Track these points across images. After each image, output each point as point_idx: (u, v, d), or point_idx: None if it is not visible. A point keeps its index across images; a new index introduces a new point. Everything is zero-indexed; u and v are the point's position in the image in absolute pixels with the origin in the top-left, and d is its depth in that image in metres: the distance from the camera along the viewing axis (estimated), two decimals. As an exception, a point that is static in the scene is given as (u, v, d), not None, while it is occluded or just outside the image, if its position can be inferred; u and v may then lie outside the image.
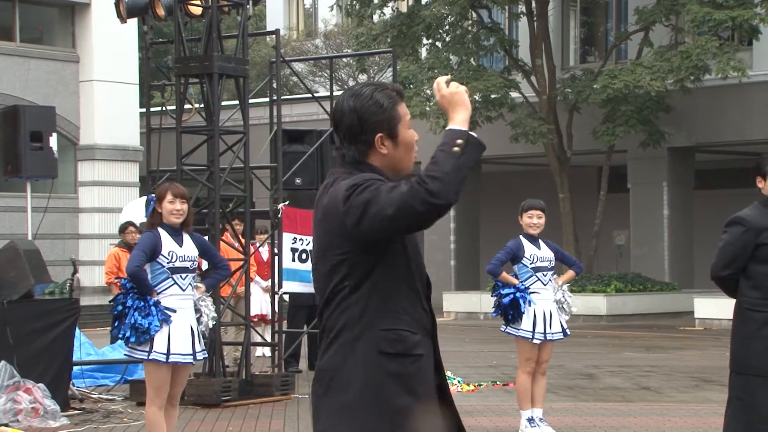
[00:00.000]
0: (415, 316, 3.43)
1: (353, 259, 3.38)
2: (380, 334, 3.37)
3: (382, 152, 3.45)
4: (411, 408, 3.37)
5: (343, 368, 3.40)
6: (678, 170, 23.92)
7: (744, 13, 19.76)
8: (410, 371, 3.39)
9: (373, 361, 3.36)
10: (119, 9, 11.19)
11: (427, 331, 3.48)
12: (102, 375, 11.62)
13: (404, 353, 3.38)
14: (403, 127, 3.49)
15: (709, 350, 15.48)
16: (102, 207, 26.21)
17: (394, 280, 3.40)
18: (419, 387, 3.40)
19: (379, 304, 3.38)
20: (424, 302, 3.49)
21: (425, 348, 3.45)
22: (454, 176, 3.25)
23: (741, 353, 5.67)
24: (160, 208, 7.01)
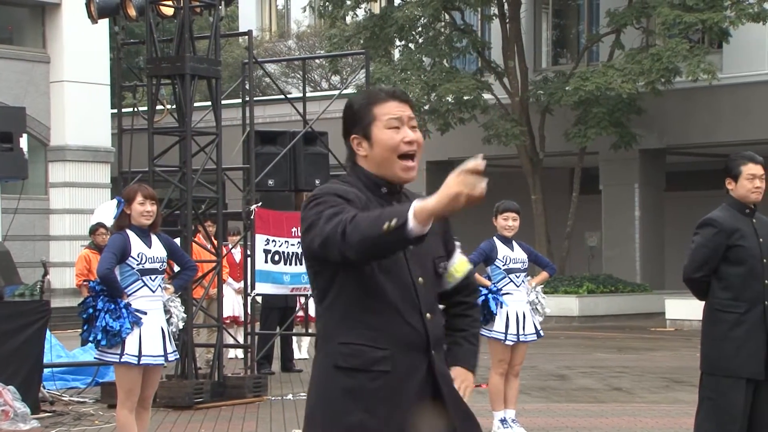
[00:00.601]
0: (389, 331, 3.27)
1: (314, 270, 3.35)
2: (337, 348, 3.29)
3: (361, 154, 3.40)
4: (365, 426, 3.25)
5: (311, 379, 3.41)
6: (649, 172, 24.05)
7: (714, 16, 19.91)
8: (368, 387, 3.26)
9: (328, 375, 3.30)
10: (90, 9, 11.13)
11: (411, 346, 3.30)
12: (73, 377, 11.54)
13: (360, 368, 3.27)
14: (377, 128, 3.35)
15: (680, 351, 15.58)
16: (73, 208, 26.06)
17: (357, 294, 3.28)
18: (380, 405, 3.25)
19: (339, 316, 3.30)
20: (411, 316, 3.30)
21: (401, 364, 3.28)
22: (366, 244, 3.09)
23: (712, 354, 5.71)
24: (129, 209, 6.98)
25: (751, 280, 5.64)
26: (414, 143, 3.37)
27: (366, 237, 3.08)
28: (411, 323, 3.31)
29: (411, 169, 3.40)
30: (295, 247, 11.39)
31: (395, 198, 3.41)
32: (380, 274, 3.28)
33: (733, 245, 5.64)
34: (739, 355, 5.59)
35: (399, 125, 3.36)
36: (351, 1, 23.08)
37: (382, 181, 3.38)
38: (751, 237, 5.68)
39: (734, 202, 5.77)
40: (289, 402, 10.61)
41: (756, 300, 5.64)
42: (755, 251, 5.66)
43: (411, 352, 3.30)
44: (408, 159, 3.38)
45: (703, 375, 5.76)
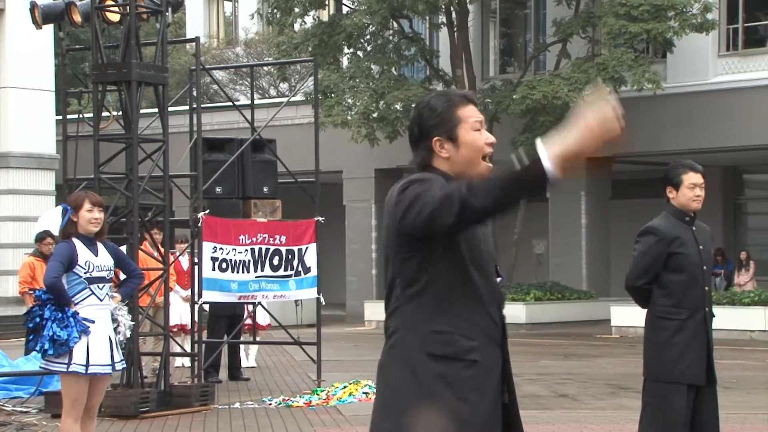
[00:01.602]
0: (475, 322, 3.36)
1: (403, 257, 3.36)
2: (430, 336, 3.33)
3: (443, 156, 3.44)
4: (458, 413, 3.31)
5: (391, 367, 3.39)
6: (595, 180, 24.29)
7: (658, 26, 20.17)
8: (462, 375, 3.33)
9: (421, 362, 3.33)
10: (34, 15, 11.01)
11: (494, 340, 3.42)
12: (16, 387, 11.39)
13: (453, 357, 3.33)
14: (464, 129, 3.44)
15: (625, 358, 15.73)
16: (17, 216, 25.71)
17: (449, 284, 3.34)
18: (471, 393, 3.33)
19: (430, 305, 3.34)
20: (492, 311, 3.41)
21: (487, 356, 3.38)
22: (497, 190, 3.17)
23: (654, 360, 5.78)
24: (76, 217, 6.91)
25: (692, 287, 5.72)
26: (492, 144, 3.51)
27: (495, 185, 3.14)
28: (494, 318, 3.43)
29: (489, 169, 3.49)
30: (242, 254, 11.34)
31: None
32: (472, 267, 3.36)
33: (674, 253, 5.72)
34: (681, 361, 5.67)
35: (480, 127, 3.48)
36: (299, 8, 23.06)
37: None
38: (691, 244, 5.76)
39: (675, 211, 5.85)
40: (236, 411, 10.55)
41: (697, 306, 5.73)
42: (695, 258, 5.75)
43: (492, 346, 3.42)
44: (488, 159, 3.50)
45: (645, 381, 5.83)
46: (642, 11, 20.26)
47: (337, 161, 25.10)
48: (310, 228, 12.09)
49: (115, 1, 10.58)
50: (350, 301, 26.32)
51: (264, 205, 12.14)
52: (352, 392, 11.34)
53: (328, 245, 16.73)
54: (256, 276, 11.48)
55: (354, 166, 25.97)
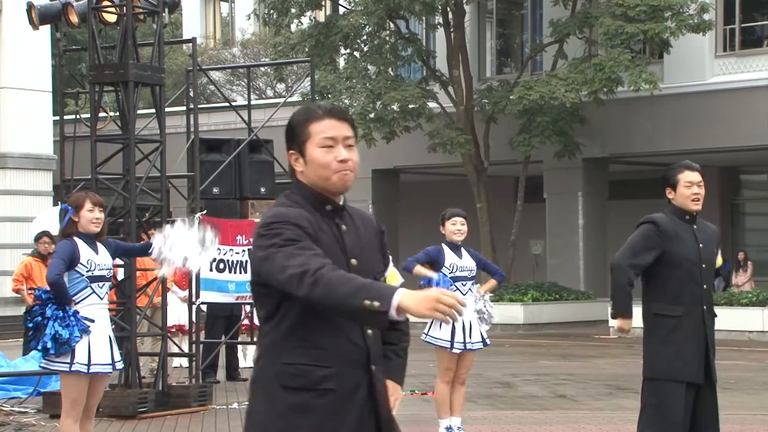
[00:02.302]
0: (332, 349, 3.33)
1: (261, 292, 3.38)
2: (283, 368, 3.33)
3: (297, 170, 3.43)
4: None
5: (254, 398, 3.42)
6: (592, 181, 24.30)
7: (655, 27, 20.19)
8: (315, 404, 3.31)
9: (276, 394, 3.33)
10: (31, 15, 11.00)
11: (355, 362, 3.36)
12: (14, 387, 11.38)
13: (307, 387, 3.32)
14: (311, 146, 3.37)
15: (623, 358, 15.74)
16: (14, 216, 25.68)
17: (302, 315, 3.31)
18: (326, 422, 3.32)
19: (284, 337, 3.34)
20: (353, 334, 3.35)
21: (344, 382, 3.34)
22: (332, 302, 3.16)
23: (652, 359, 5.77)
24: (77, 217, 6.91)
25: (689, 284, 5.71)
26: (347, 161, 3.37)
27: (340, 302, 3.14)
28: (353, 340, 3.35)
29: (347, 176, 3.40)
30: (239, 255, 11.34)
31: (338, 215, 3.43)
32: None
33: (670, 248, 5.72)
34: (678, 359, 5.67)
35: (333, 144, 3.36)
36: (296, 9, 23.07)
37: (326, 199, 3.40)
38: (690, 242, 5.76)
39: (675, 210, 5.85)
40: (234, 411, 10.55)
41: (694, 304, 5.72)
42: (693, 256, 5.74)
43: (354, 369, 3.35)
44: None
45: (644, 380, 5.83)
46: (639, 12, 20.28)
47: (334, 162, 25.07)
48: (308, 228, 12.07)
49: (111, 2, 10.57)
50: (347, 302, 26.29)
51: (261, 206, 12.13)
52: (350, 393, 11.33)
53: (325, 246, 16.64)
54: (253, 276, 11.47)
55: (351, 166, 25.94)
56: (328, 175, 3.37)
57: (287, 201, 3.42)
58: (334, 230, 3.39)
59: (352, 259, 3.38)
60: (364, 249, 3.44)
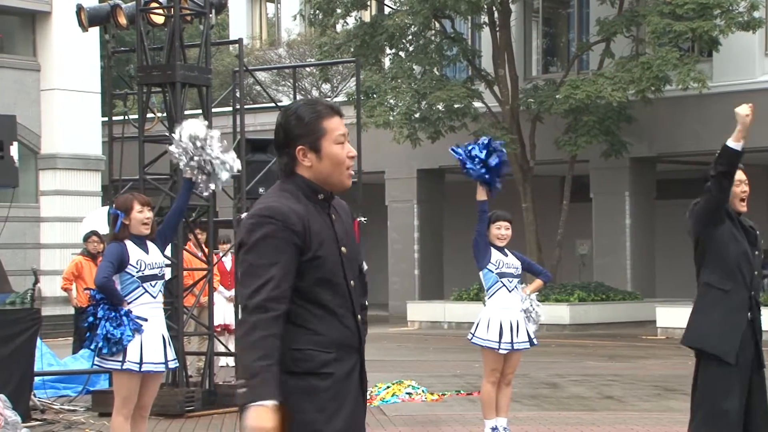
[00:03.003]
0: (330, 335, 3.51)
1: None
2: (290, 353, 3.48)
3: (305, 164, 3.55)
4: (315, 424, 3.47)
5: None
6: (639, 180, 24.11)
7: (704, 25, 19.98)
8: (320, 387, 3.49)
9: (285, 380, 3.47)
10: (81, 17, 11.12)
11: (350, 347, 3.56)
12: (64, 385, 11.51)
13: (312, 372, 3.49)
14: (327, 142, 3.53)
15: (672, 359, 15.60)
16: (63, 216, 26.00)
17: (302, 305, 3.49)
18: (329, 404, 3.49)
19: (289, 325, 3.48)
20: (347, 320, 3.55)
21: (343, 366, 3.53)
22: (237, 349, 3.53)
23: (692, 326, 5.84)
24: (128, 220, 6.98)
25: (741, 265, 5.75)
26: (354, 158, 3.60)
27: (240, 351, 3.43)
28: (347, 325, 3.56)
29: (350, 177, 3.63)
30: (286, 255, 11.38)
31: (328, 202, 3.60)
32: (317, 286, 3.50)
33: (724, 229, 5.76)
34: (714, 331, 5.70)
35: (344, 140, 3.56)
36: (341, 9, 23.11)
37: (320, 189, 3.57)
38: (738, 234, 5.81)
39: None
40: (280, 410, 10.58)
41: (742, 284, 5.76)
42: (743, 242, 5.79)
43: (348, 353, 3.56)
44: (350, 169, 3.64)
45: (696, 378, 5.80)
46: (687, 9, 20.08)
47: (379, 162, 25.13)
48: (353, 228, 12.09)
49: (159, 3, 10.66)
50: (393, 302, 26.32)
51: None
52: (396, 393, 11.34)
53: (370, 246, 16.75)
54: (299, 276, 11.50)
55: (396, 166, 25.97)
56: (341, 170, 3.56)
57: (280, 191, 3.57)
58: (326, 219, 3.56)
59: (343, 247, 3.58)
60: (349, 237, 3.64)
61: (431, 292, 25.95)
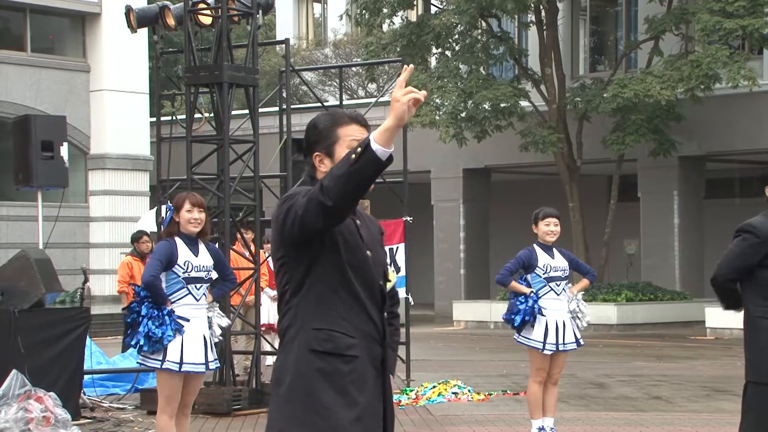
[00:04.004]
0: (355, 321, 3.64)
1: (289, 264, 3.67)
2: (312, 333, 3.61)
3: (322, 170, 3.70)
4: (336, 406, 3.56)
5: (283, 364, 3.67)
6: (688, 179, 23.87)
7: (754, 22, 19.74)
8: (342, 370, 3.59)
9: (303, 358, 3.60)
10: (130, 19, 11.23)
11: (373, 338, 3.69)
12: (113, 384, 11.62)
13: (333, 352, 3.60)
14: (341, 147, 3.67)
15: (721, 360, 15.43)
16: (112, 216, 26.26)
17: (329, 285, 3.63)
18: (350, 387, 3.59)
19: (313, 305, 3.63)
20: (372, 312, 3.69)
21: (366, 352, 3.65)
22: (342, 181, 3.40)
23: (754, 362, 5.64)
24: (177, 217, 7.01)
25: None
26: None
27: (340, 175, 3.39)
28: (373, 319, 3.70)
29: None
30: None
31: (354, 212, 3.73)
32: (351, 270, 3.65)
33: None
34: None
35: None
36: (388, 8, 23.11)
37: None
38: None
39: (774, 209, 5.72)
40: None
41: None
42: None
43: (372, 344, 3.69)
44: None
45: (747, 384, 5.70)
46: (737, 7, 19.85)
47: (425, 161, 25.10)
48: (399, 228, 12.11)
49: (207, 4, 10.73)
50: (439, 301, 26.30)
51: (353, 205, 12.19)
52: (442, 392, 11.33)
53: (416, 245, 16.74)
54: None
55: (442, 165, 25.94)
56: None
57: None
58: (353, 224, 3.72)
59: (368, 251, 3.72)
60: (375, 244, 3.79)
61: (477, 292, 25.88)
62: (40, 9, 25.67)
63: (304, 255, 3.63)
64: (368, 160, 3.37)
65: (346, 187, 3.39)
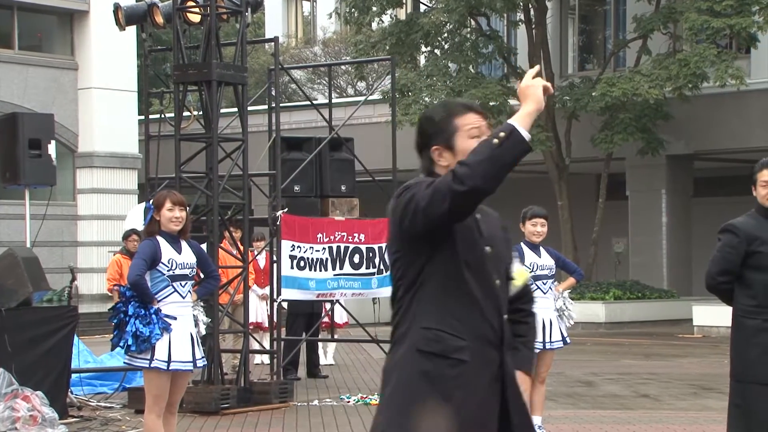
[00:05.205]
0: (468, 322, 3.45)
1: (404, 259, 3.50)
2: (420, 332, 3.44)
3: (442, 164, 3.55)
4: (440, 411, 3.38)
5: (390, 363, 3.54)
6: (676, 178, 23.93)
7: (742, 21, 19.80)
8: (447, 374, 3.41)
9: (409, 358, 3.45)
10: (118, 16, 11.20)
11: (488, 341, 3.47)
12: (100, 382, 11.60)
13: (440, 354, 3.41)
14: (461, 138, 3.54)
15: (708, 358, 15.48)
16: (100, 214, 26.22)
17: (443, 284, 3.45)
18: (456, 392, 3.40)
19: (425, 304, 3.46)
20: (489, 313, 3.48)
21: (477, 356, 3.44)
22: (485, 165, 3.29)
23: (737, 360, 5.68)
24: (158, 216, 7.01)
25: None
26: None
27: (482, 160, 3.29)
28: (490, 320, 3.48)
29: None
30: (320, 253, 11.41)
31: None
32: (466, 269, 3.46)
33: (755, 251, 5.62)
34: (762, 361, 5.56)
35: (479, 134, 3.54)
36: (377, 7, 23.11)
37: None
38: None
39: (759, 208, 5.76)
40: (315, 408, 10.62)
41: None
42: None
43: (487, 347, 3.47)
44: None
45: (731, 381, 5.73)
46: (725, 6, 19.91)
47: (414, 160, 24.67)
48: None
49: (195, 2, 10.71)
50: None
51: (341, 204, 12.19)
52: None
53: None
54: (334, 274, 11.54)
55: (431, 164, 25.92)
56: None
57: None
58: (472, 219, 3.52)
59: (487, 246, 3.53)
60: (495, 240, 3.59)
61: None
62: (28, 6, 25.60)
63: (420, 251, 3.45)
64: (515, 142, 3.30)
65: (489, 170, 3.28)
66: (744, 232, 5.65)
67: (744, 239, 5.63)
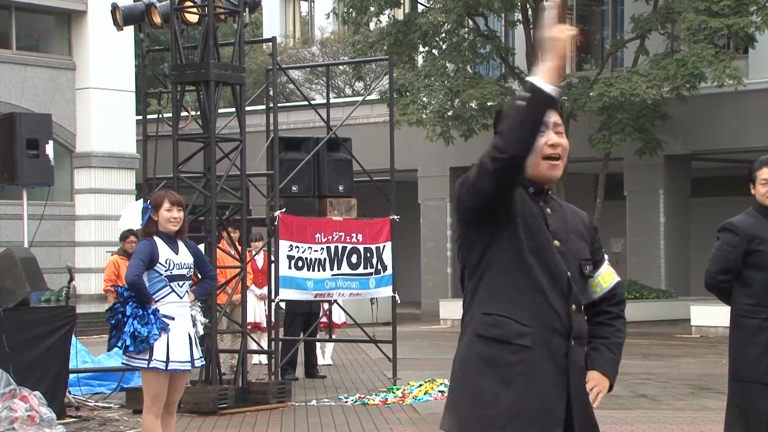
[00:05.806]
0: (532, 309, 3.40)
1: (467, 244, 3.49)
2: (481, 318, 3.43)
3: None
4: (499, 396, 3.35)
5: (456, 354, 3.53)
6: (674, 178, 23.94)
7: (740, 21, 19.81)
8: (508, 360, 3.37)
9: (470, 344, 3.44)
10: (116, 16, 11.20)
11: (553, 330, 3.42)
12: (98, 383, 11.60)
13: (501, 339, 3.38)
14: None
15: (706, 358, 15.48)
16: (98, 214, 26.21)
17: (505, 270, 3.42)
18: (517, 378, 3.36)
19: (487, 291, 3.44)
20: (556, 302, 3.43)
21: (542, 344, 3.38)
22: (516, 131, 3.25)
23: (736, 360, 5.68)
24: (156, 216, 7.01)
25: None
26: (558, 146, 3.51)
27: (512, 126, 3.24)
28: (556, 309, 3.43)
29: (555, 167, 3.52)
30: (318, 253, 11.41)
31: (542, 199, 3.54)
32: (530, 255, 3.42)
33: (753, 250, 5.62)
34: (761, 360, 5.56)
35: (544, 129, 3.46)
36: (375, 7, 23.11)
37: (529, 182, 3.50)
38: None
39: (758, 206, 5.76)
40: (312, 408, 10.62)
41: None
42: None
43: (552, 336, 3.41)
44: (552, 159, 3.52)
45: (730, 381, 5.74)
46: (723, 6, 19.92)
47: (412, 160, 25.12)
48: (386, 226, 12.11)
49: (193, 2, 10.71)
50: (425, 300, 26.32)
51: (339, 204, 12.19)
52: (428, 390, 11.33)
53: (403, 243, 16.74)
54: (332, 274, 11.54)
55: (429, 164, 25.96)
56: (537, 161, 3.47)
57: None
58: (538, 210, 3.49)
59: (555, 240, 3.49)
60: (570, 234, 3.54)
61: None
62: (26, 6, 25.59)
63: (480, 236, 3.42)
64: (542, 99, 3.22)
65: (522, 135, 3.22)
66: (743, 230, 5.65)
67: (743, 238, 5.63)
